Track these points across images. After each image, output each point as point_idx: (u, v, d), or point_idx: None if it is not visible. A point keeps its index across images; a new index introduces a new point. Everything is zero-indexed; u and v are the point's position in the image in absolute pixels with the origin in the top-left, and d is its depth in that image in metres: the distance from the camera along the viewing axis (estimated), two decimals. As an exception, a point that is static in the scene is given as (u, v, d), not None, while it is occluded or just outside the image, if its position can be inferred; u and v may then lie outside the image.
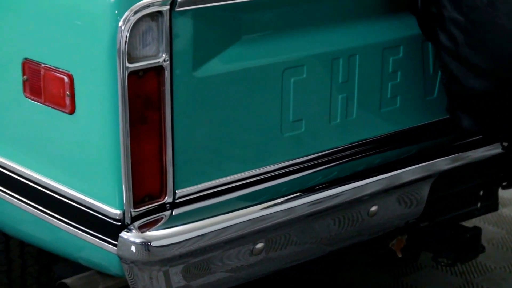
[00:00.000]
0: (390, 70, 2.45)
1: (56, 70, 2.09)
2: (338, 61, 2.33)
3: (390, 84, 2.46)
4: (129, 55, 1.97)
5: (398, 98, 2.49)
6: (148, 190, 2.08)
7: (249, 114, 2.21)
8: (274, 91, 2.24)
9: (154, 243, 2.03)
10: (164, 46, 2.01)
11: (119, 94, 1.98)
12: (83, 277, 2.35)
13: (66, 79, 2.06)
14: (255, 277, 2.32)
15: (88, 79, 2.04)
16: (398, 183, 2.44)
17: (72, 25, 2.05)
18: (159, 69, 2.02)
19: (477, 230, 2.81)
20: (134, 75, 1.99)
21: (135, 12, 1.95)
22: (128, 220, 2.06)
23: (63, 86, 2.07)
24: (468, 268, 3.42)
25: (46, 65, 2.10)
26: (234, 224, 2.16)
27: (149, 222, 2.08)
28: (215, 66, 2.12)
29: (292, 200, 2.27)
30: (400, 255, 2.77)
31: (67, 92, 2.07)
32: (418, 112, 2.56)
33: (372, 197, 2.40)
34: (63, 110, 2.09)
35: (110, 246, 2.09)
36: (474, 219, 3.05)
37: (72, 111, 2.08)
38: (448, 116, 2.51)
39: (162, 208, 2.12)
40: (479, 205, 2.83)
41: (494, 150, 2.63)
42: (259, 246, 2.22)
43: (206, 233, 2.11)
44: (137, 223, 2.06)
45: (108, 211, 2.07)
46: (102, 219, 2.09)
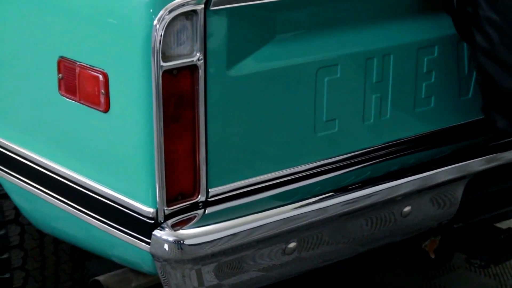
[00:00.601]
0: (425, 70, 2.43)
1: (91, 68, 2.10)
2: (372, 60, 2.32)
3: (424, 84, 2.44)
4: (163, 53, 1.98)
5: (433, 98, 2.48)
6: (181, 188, 2.09)
7: (282, 113, 2.21)
8: (308, 91, 2.23)
9: (187, 242, 2.04)
10: (198, 45, 2.01)
11: (153, 92, 1.99)
12: (116, 274, 2.37)
13: (101, 77, 2.07)
14: (287, 276, 2.32)
15: (122, 78, 2.05)
16: (432, 183, 2.43)
17: (107, 23, 2.06)
18: (193, 67, 2.02)
19: (511, 232, 2.79)
20: (168, 74, 1.99)
21: (170, 11, 1.95)
22: (161, 218, 2.06)
23: (98, 85, 2.08)
24: (501, 269, 3.39)
25: (81, 63, 2.12)
26: (267, 224, 2.15)
27: (182, 221, 2.08)
28: (249, 65, 2.12)
29: (325, 200, 2.26)
30: (433, 256, 2.75)
31: (102, 91, 2.08)
32: (452, 112, 2.54)
33: (406, 197, 2.39)
34: (97, 108, 2.10)
35: (143, 244, 2.09)
36: (508, 221, 3.02)
37: (106, 110, 2.09)
38: (482, 116, 2.49)
39: (195, 206, 2.12)
40: (513, 206, 2.81)
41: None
42: (292, 245, 2.22)
43: (239, 232, 2.11)
44: (170, 221, 2.07)
45: (141, 209, 2.08)
46: (136, 217, 2.09)
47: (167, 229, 2.05)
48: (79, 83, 2.13)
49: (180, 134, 2.04)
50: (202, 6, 1.99)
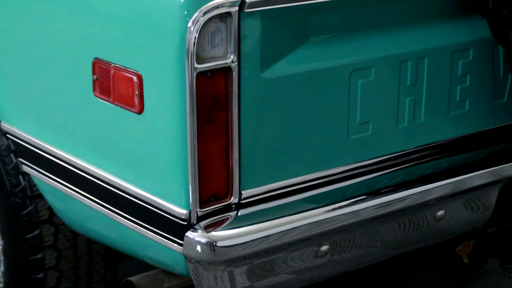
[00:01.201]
0: (460, 73, 2.42)
1: (125, 70, 2.11)
2: (406, 63, 2.31)
3: (459, 87, 2.43)
4: (197, 55, 1.98)
5: (467, 101, 2.46)
6: (214, 190, 2.09)
7: (316, 116, 2.21)
8: (342, 93, 2.23)
9: (219, 243, 2.04)
10: (232, 47, 2.02)
11: (187, 94, 1.99)
12: (148, 275, 2.37)
13: (135, 79, 2.08)
14: (319, 279, 2.31)
15: (156, 79, 2.05)
16: (465, 187, 2.41)
17: (142, 25, 2.07)
18: (227, 69, 2.03)
19: (546, 237, 2.76)
20: (202, 76, 2.00)
21: (204, 13, 1.96)
22: (194, 220, 2.07)
23: (132, 86, 2.09)
24: (535, 275, 3.36)
25: (116, 65, 2.13)
26: (299, 226, 2.15)
27: (214, 222, 2.09)
28: (283, 68, 2.12)
29: (358, 203, 2.25)
30: (466, 261, 2.73)
31: (136, 92, 2.09)
32: (487, 116, 2.52)
33: (439, 201, 2.38)
34: (131, 109, 2.11)
35: (176, 245, 2.10)
36: (543, 226, 2.99)
37: (140, 111, 2.10)
38: (518, 120, 2.48)
39: (228, 208, 2.12)
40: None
41: None
42: (324, 248, 2.21)
43: (271, 234, 2.11)
44: (203, 223, 2.07)
45: (174, 210, 2.08)
46: (168, 218, 2.10)
47: (199, 230, 2.06)
48: (113, 84, 2.14)
49: (213, 136, 2.05)
50: (237, 8, 1.99)
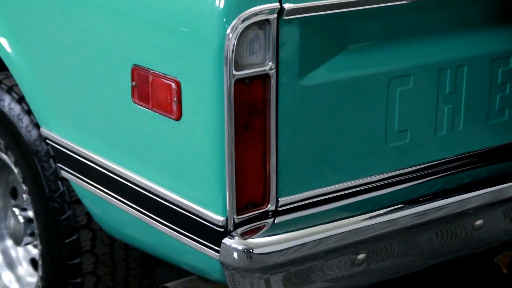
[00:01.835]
0: (499, 82, 2.40)
1: (164, 76, 2.12)
2: (445, 71, 2.30)
3: (498, 96, 2.41)
4: (236, 62, 1.98)
5: (507, 110, 2.44)
6: (251, 197, 2.09)
7: (353, 123, 2.20)
8: (380, 101, 2.22)
9: (256, 251, 2.04)
10: (270, 54, 2.02)
11: (225, 101, 2.00)
12: (185, 281, 2.38)
13: (174, 85, 2.09)
14: (354, 288, 2.31)
15: (195, 86, 2.06)
16: (505, 197, 2.39)
17: (180, 32, 2.08)
18: (265, 77, 2.03)
19: None
20: (240, 83, 2.00)
21: (243, 20, 1.96)
22: (231, 227, 2.07)
23: (170, 93, 2.10)
24: None
25: (154, 71, 2.14)
26: (336, 234, 2.15)
27: (251, 229, 2.09)
28: (321, 75, 2.12)
29: (395, 211, 2.24)
30: (505, 271, 2.71)
31: (174, 99, 2.10)
32: (527, 125, 2.50)
33: (478, 210, 2.36)
34: (170, 116, 2.12)
35: (213, 252, 2.10)
36: None
37: (178, 117, 2.10)
38: (558, 129, 2.45)
39: (265, 215, 2.12)
40: None
41: None
42: (361, 256, 2.20)
43: (308, 242, 2.11)
44: (239, 230, 2.07)
45: (211, 217, 2.09)
46: (205, 224, 2.10)
47: (236, 237, 2.06)
48: (152, 91, 2.15)
49: (251, 142, 2.05)
50: (275, 15, 1.99)
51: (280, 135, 2.09)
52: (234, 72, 1.99)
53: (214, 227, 2.08)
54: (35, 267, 2.97)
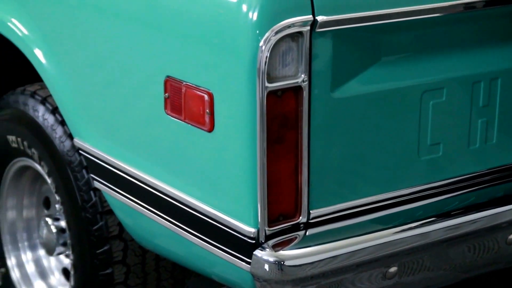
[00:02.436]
0: (533, 95, 2.38)
1: (196, 88, 2.12)
2: (479, 84, 2.28)
3: (532, 109, 2.39)
4: (268, 75, 1.99)
5: (541, 123, 2.42)
6: (282, 209, 2.09)
7: (386, 136, 2.20)
8: (412, 114, 2.21)
9: (287, 263, 2.04)
10: (303, 66, 2.02)
11: (257, 113, 2.00)
12: (215, 293, 2.38)
13: (206, 97, 2.10)
14: (386, 301, 2.29)
15: (227, 98, 2.07)
16: (538, 211, 2.37)
17: (214, 44, 2.08)
18: (297, 89, 2.03)
19: None
20: (273, 95, 2.00)
21: (276, 33, 1.96)
22: (262, 239, 2.07)
23: (203, 104, 2.11)
24: None
25: (187, 83, 2.15)
26: (368, 247, 2.14)
27: (282, 241, 2.09)
28: (354, 87, 2.11)
29: (427, 224, 2.23)
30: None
31: (207, 110, 2.10)
32: (561, 138, 2.48)
33: (510, 224, 2.34)
34: (202, 127, 2.13)
35: (244, 263, 2.10)
36: None
37: (211, 129, 2.11)
38: None
39: (296, 227, 2.12)
40: None
41: None
42: (392, 270, 2.19)
43: (339, 254, 2.10)
44: (271, 242, 2.07)
45: (242, 228, 2.09)
46: (237, 236, 2.11)
47: (268, 249, 2.06)
48: (184, 102, 2.16)
49: (283, 155, 2.05)
50: (308, 28, 2.00)
51: (312, 147, 2.08)
52: (267, 84, 1.99)
53: (245, 238, 2.08)
54: (67, 277, 2.99)
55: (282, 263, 2.03)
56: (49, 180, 2.74)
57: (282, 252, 2.05)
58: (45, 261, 3.06)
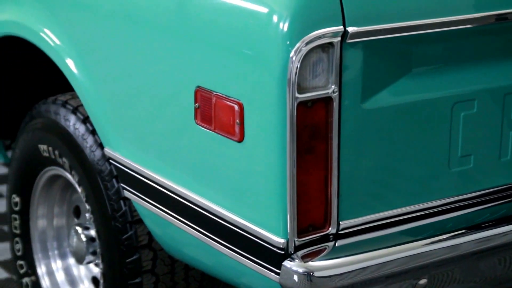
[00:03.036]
0: None
1: (227, 98, 2.13)
2: (510, 96, 2.27)
3: None
4: (298, 85, 1.99)
5: None
6: (312, 220, 2.09)
7: (416, 147, 2.19)
8: (443, 125, 2.20)
9: (316, 274, 2.03)
10: (333, 77, 2.02)
11: (287, 124, 2.00)
12: (244, 303, 2.38)
13: (237, 107, 2.10)
14: (416, 313, 2.28)
15: (257, 108, 2.07)
16: None
17: (244, 54, 2.09)
18: (327, 100, 2.03)
19: None
20: (303, 106, 2.00)
21: (307, 43, 1.97)
22: (291, 249, 2.07)
23: (233, 114, 2.11)
24: None
25: (218, 93, 2.15)
26: (397, 259, 2.13)
27: (312, 252, 2.08)
28: (384, 99, 2.11)
29: (458, 237, 2.22)
30: None
31: (237, 121, 2.11)
32: None
33: (543, 237, 2.32)
34: (232, 138, 2.13)
35: (273, 274, 2.10)
36: None
37: (241, 139, 2.11)
38: None
39: (325, 238, 2.11)
40: None
41: None
42: (422, 282, 2.18)
43: (369, 266, 2.09)
44: (300, 253, 2.07)
45: (272, 239, 2.09)
46: (266, 246, 2.10)
47: (297, 260, 2.05)
48: (215, 112, 2.17)
49: (313, 165, 2.05)
50: (339, 38, 2.00)
51: (342, 158, 2.08)
52: (297, 95, 1.99)
53: (274, 249, 2.08)
54: (96, 286, 3.00)
55: (311, 274, 2.03)
56: (79, 189, 2.75)
57: (311, 263, 2.05)
58: (74, 269, 3.08)
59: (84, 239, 2.82)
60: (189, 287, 2.78)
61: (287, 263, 2.06)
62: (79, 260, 2.88)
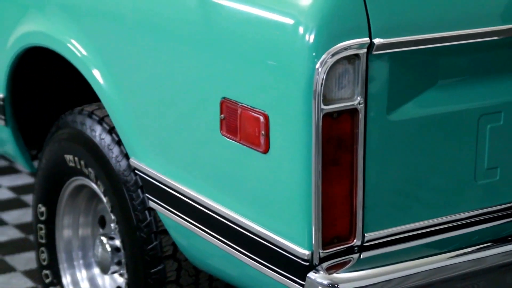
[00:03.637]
0: None
1: (252, 109, 2.13)
2: (538, 108, 2.26)
3: None
4: (324, 97, 1.99)
5: None
6: (337, 231, 2.08)
7: (442, 159, 2.18)
8: (469, 137, 2.19)
9: (341, 286, 2.03)
10: (359, 88, 2.02)
11: (313, 135, 2.00)
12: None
13: (262, 118, 2.10)
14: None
15: (283, 120, 2.07)
16: None
17: (270, 66, 2.09)
18: (353, 111, 2.03)
19: None
20: (328, 117, 2.00)
21: (333, 55, 1.97)
22: (316, 261, 2.06)
23: (258, 126, 2.11)
24: None
25: (243, 104, 2.15)
26: (422, 271, 2.12)
27: (336, 264, 2.08)
28: (410, 110, 2.10)
29: (484, 250, 2.20)
30: None
31: (262, 132, 2.11)
32: None
33: None
34: (257, 149, 2.13)
35: (297, 285, 2.09)
36: None
37: (266, 151, 2.11)
38: None
39: (350, 250, 2.11)
40: None
41: None
42: (447, 295, 2.17)
43: (393, 278, 2.09)
44: (325, 265, 2.06)
45: (296, 250, 2.08)
46: (290, 258, 2.10)
47: (321, 272, 2.05)
48: (240, 123, 2.17)
49: (338, 177, 2.04)
50: (365, 50, 1.99)
51: (367, 170, 2.08)
52: (323, 106, 1.99)
53: (299, 260, 2.08)
54: (121, 296, 3.01)
55: (336, 286, 2.02)
56: (104, 199, 2.77)
57: (336, 275, 2.04)
58: (99, 279, 3.09)
59: (109, 249, 2.83)
60: (213, 298, 2.78)
61: (311, 275, 2.05)
62: (104, 270, 2.89)
